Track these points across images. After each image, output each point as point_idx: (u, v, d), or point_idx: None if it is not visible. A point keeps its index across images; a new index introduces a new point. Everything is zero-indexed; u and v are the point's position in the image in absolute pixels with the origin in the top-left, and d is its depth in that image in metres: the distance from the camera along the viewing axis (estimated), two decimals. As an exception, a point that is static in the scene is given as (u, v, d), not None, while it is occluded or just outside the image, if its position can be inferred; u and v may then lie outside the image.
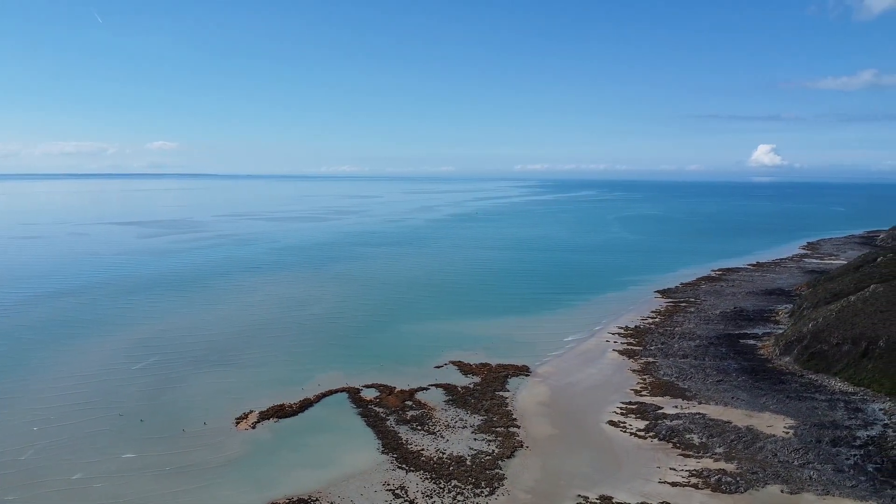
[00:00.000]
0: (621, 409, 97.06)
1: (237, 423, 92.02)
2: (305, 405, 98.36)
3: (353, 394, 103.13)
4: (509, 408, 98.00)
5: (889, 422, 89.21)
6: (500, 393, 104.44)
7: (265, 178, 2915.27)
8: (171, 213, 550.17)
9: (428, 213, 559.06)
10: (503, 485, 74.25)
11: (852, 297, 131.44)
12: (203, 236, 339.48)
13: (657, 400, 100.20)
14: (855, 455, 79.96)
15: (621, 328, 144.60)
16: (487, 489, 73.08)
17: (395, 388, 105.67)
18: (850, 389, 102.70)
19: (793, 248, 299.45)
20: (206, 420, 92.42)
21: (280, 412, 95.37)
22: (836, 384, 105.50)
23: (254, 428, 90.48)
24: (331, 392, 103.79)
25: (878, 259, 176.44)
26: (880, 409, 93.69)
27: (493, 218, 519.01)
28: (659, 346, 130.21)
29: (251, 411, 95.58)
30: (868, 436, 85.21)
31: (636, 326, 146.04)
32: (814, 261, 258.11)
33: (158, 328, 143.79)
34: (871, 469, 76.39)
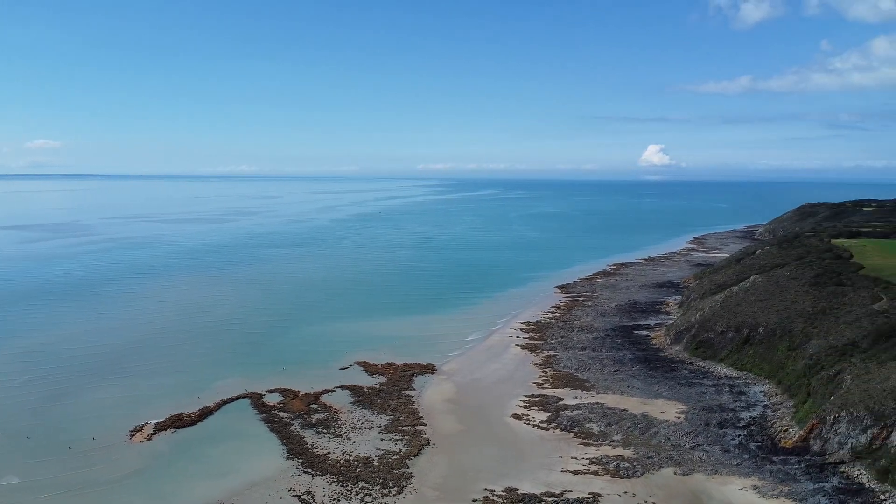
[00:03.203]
0: (524, 402, 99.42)
1: (132, 435, 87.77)
2: (205, 414, 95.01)
3: (256, 399, 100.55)
4: (416, 406, 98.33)
5: (768, 403, 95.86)
6: (407, 392, 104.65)
7: (158, 179, 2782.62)
8: (54, 215, 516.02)
9: (330, 213, 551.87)
10: (411, 483, 74.46)
11: (735, 288, 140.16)
12: (91, 240, 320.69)
13: (558, 392, 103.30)
14: (739, 435, 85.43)
15: (523, 323, 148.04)
16: (395, 489, 73.11)
17: (299, 391, 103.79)
18: (735, 374, 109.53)
19: (681, 243, 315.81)
20: (96, 435, 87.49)
21: (178, 422, 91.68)
22: (722, 370, 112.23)
23: (150, 440, 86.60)
24: (231, 399, 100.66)
25: (757, 252, 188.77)
26: (761, 392, 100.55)
27: (396, 217, 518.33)
28: (559, 339, 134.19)
29: (146, 423, 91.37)
30: (750, 417, 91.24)
31: (538, 321, 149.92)
32: (700, 254, 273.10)
33: (42, 340, 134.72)
34: (753, 447, 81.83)
